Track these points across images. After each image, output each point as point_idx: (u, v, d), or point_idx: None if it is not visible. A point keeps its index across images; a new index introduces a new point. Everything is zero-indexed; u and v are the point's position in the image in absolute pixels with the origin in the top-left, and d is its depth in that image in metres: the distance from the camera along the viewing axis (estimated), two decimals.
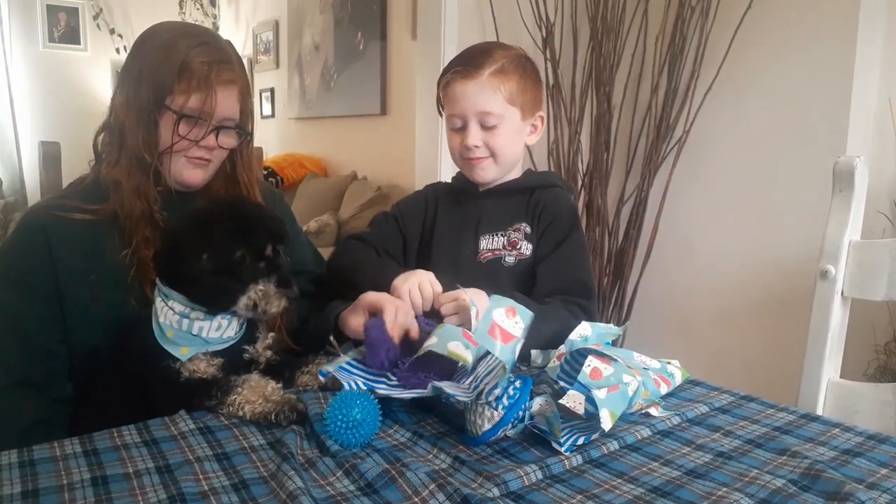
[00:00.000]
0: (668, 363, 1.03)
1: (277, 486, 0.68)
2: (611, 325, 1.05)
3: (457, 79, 1.18)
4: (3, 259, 1.06)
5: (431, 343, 0.86)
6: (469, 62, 1.18)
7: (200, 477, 0.70)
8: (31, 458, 0.73)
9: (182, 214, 0.99)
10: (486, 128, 1.18)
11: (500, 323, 0.84)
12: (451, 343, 0.85)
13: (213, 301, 0.92)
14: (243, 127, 1.13)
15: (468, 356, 0.84)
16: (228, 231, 0.92)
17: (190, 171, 1.09)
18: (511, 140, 1.20)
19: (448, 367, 0.90)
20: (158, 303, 0.94)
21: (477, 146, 1.18)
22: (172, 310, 0.92)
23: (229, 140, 1.11)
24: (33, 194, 4.79)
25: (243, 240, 0.93)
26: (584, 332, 1.02)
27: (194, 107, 1.04)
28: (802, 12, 1.97)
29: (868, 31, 1.86)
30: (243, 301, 0.92)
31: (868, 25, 1.86)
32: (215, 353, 0.93)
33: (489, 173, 1.22)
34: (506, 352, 0.82)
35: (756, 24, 2.05)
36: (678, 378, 1.01)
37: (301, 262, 1.27)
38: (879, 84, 1.91)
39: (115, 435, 0.80)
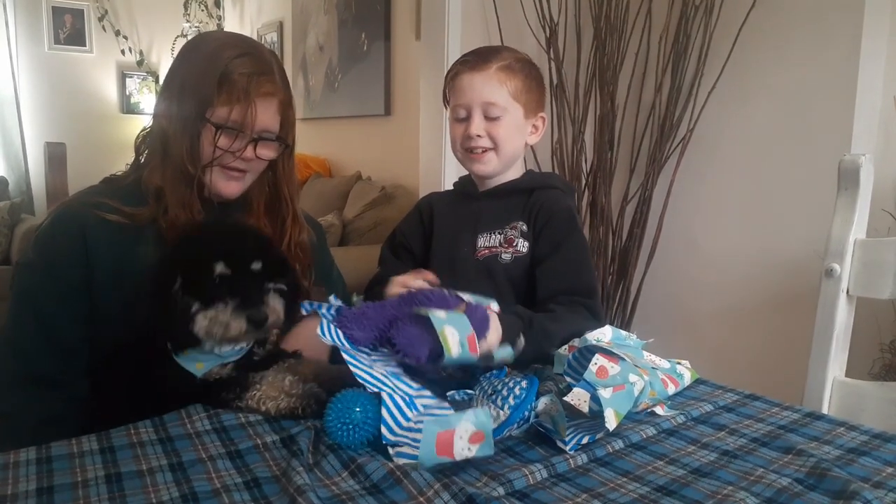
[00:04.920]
0: (678, 363, 1.03)
1: (287, 483, 0.68)
2: (633, 335, 1.04)
3: (465, 70, 1.22)
4: (39, 251, 1.05)
5: (437, 313, 0.82)
6: (478, 57, 1.23)
7: (213, 475, 0.71)
8: (49, 455, 0.74)
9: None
10: (489, 119, 1.21)
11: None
12: (447, 327, 0.81)
13: (171, 341, 0.89)
14: (284, 138, 1.12)
15: (454, 348, 0.81)
16: (170, 265, 0.90)
17: (224, 182, 1.09)
18: (512, 134, 1.23)
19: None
20: None
21: (480, 135, 1.21)
22: None
23: (268, 152, 1.11)
24: (39, 195, 4.80)
25: (184, 267, 0.89)
26: (603, 335, 1.02)
27: (233, 119, 1.04)
28: (807, 10, 1.97)
29: (873, 29, 1.86)
30: (198, 330, 0.86)
31: (873, 23, 1.85)
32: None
33: (489, 167, 1.24)
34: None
35: (760, 23, 2.05)
36: (687, 378, 1.02)
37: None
38: (884, 81, 1.91)
39: (132, 432, 0.80)
